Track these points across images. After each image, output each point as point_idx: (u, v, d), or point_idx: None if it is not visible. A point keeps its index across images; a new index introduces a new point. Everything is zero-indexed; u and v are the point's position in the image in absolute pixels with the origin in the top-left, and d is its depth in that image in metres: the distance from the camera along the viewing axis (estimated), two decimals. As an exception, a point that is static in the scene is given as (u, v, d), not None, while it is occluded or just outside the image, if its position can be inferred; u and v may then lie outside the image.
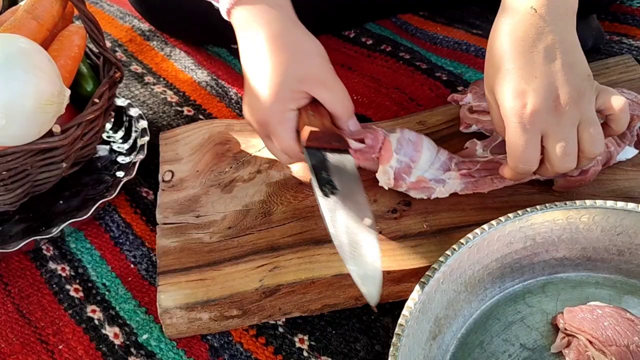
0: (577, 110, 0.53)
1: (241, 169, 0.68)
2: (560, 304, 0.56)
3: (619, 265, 0.57)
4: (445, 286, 0.53)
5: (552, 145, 0.53)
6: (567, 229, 0.56)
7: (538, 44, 0.53)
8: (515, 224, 0.55)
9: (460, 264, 0.53)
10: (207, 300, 0.57)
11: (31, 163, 0.62)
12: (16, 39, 0.59)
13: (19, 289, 0.63)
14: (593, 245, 0.57)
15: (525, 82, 0.52)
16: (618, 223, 0.55)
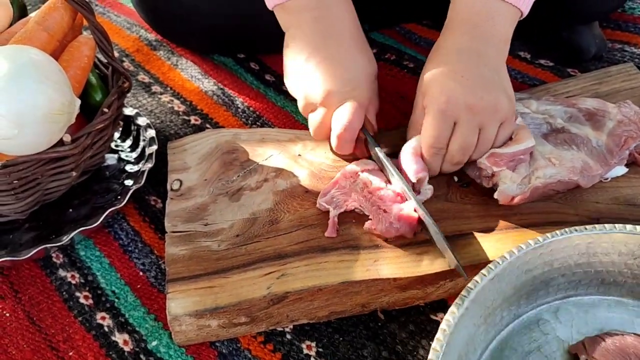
0: (489, 119, 0.61)
1: (248, 178, 0.69)
2: (575, 331, 0.55)
3: (632, 288, 0.57)
4: (467, 322, 0.51)
5: (458, 135, 0.61)
6: (585, 253, 0.55)
7: (470, 59, 0.62)
8: (535, 252, 0.54)
9: (482, 297, 0.52)
10: (215, 308, 0.57)
11: (42, 172, 0.63)
12: (28, 50, 0.60)
13: (29, 296, 0.64)
14: (608, 268, 0.56)
15: (451, 78, 0.61)
16: (636, 248, 0.55)
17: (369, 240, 0.61)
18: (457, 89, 0.60)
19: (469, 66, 0.62)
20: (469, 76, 0.61)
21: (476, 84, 0.61)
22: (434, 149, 0.62)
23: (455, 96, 0.60)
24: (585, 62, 0.85)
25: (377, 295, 0.59)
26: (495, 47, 0.64)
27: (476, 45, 0.63)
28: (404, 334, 0.59)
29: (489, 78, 0.62)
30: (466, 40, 0.63)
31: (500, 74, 0.63)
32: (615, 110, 0.67)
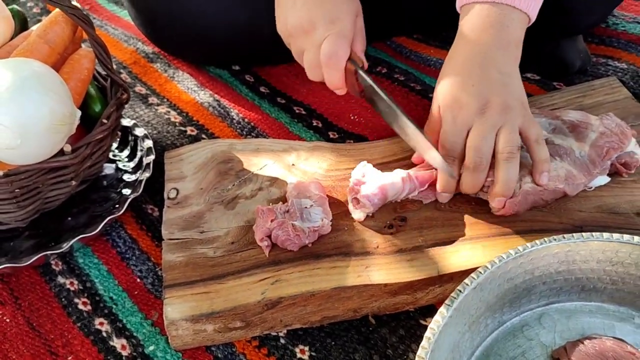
0: (501, 119, 0.62)
1: (243, 187, 0.71)
2: (557, 336, 0.57)
3: (611, 294, 0.59)
4: (451, 329, 0.53)
5: (471, 138, 0.63)
6: (565, 261, 0.57)
7: (481, 65, 0.64)
8: (516, 261, 0.56)
9: (465, 306, 0.53)
10: (211, 313, 0.59)
11: (42, 181, 0.64)
12: (31, 62, 0.62)
13: (29, 303, 0.65)
14: (588, 275, 0.58)
15: (462, 89, 0.64)
16: (613, 255, 0.57)
17: (361, 247, 0.63)
18: (467, 97, 0.63)
19: (479, 73, 0.64)
20: (478, 83, 0.63)
21: (485, 88, 0.63)
22: (449, 157, 0.64)
23: (467, 104, 0.63)
24: (570, 76, 0.88)
25: (368, 300, 0.61)
26: (505, 50, 0.65)
27: (486, 51, 0.65)
28: (394, 339, 0.61)
29: (498, 81, 0.64)
30: (477, 48, 0.65)
31: (512, 76, 0.65)
32: (598, 123, 0.69)
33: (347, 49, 0.67)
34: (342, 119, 0.85)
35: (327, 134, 0.83)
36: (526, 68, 0.91)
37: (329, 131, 0.83)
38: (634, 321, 0.58)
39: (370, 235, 0.64)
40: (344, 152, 0.75)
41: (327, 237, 0.64)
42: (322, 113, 0.86)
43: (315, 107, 0.87)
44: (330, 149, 0.75)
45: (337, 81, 0.68)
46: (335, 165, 0.73)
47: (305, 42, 0.68)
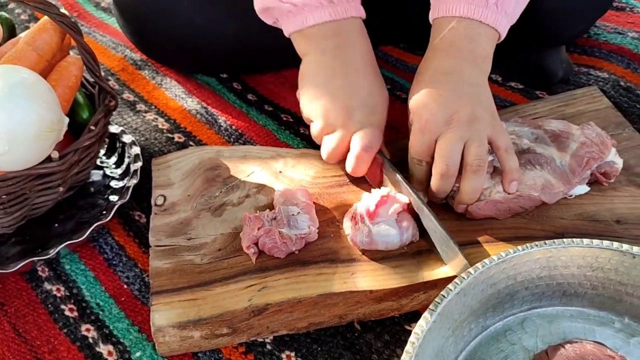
0: (469, 129, 0.63)
1: (231, 194, 0.71)
2: (539, 340, 0.58)
3: (592, 299, 0.60)
4: (435, 334, 0.53)
5: (439, 146, 0.64)
6: (547, 267, 0.58)
7: (450, 76, 0.66)
8: (499, 266, 0.57)
9: (449, 311, 0.54)
10: (198, 319, 0.59)
11: (30, 187, 0.65)
12: (19, 69, 0.63)
13: (15, 309, 0.65)
14: (569, 281, 0.59)
15: (432, 99, 0.65)
16: (593, 260, 0.58)
17: (347, 254, 0.64)
18: (435, 107, 0.64)
19: (448, 84, 0.66)
20: (447, 94, 0.65)
21: (453, 98, 0.64)
22: (414, 159, 0.66)
23: (434, 113, 0.64)
24: (553, 85, 0.89)
25: (353, 306, 0.62)
26: (474, 64, 0.67)
27: (456, 64, 0.67)
28: (379, 344, 0.62)
29: (466, 92, 0.65)
30: (447, 61, 0.67)
31: (481, 88, 0.67)
32: (579, 132, 0.71)
33: (380, 142, 0.69)
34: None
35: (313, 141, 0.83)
36: (510, 77, 0.93)
37: (315, 139, 0.84)
38: (614, 325, 0.59)
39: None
40: (330, 159, 0.76)
41: (313, 244, 0.65)
42: (309, 121, 0.87)
43: (303, 115, 0.88)
44: (317, 157, 0.75)
45: (363, 171, 0.69)
46: (322, 172, 0.73)
47: (337, 126, 0.69)
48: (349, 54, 0.70)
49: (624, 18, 1.03)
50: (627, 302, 0.59)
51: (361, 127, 0.68)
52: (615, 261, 0.58)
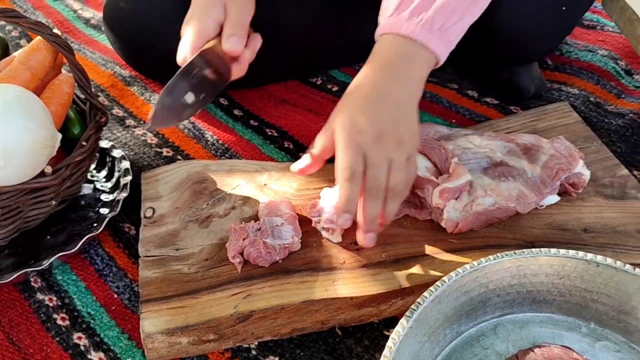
0: (394, 152, 0.64)
1: (217, 206, 0.74)
2: (511, 345, 0.61)
3: (560, 305, 0.63)
4: (412, 339, 0.56)
5: (370, 165, 0.63)
6: (517, 275, 0.62)
7: (381, 95, 0.66)
8: (472, 275, 0.60)
9: (424, 317, 0.57)
10: (186, 326, 0.62)
11: (23, 201, 0.67)
12: (13, 88, 0.65)
13: (8, 319, 0.67)
14: (538, 288, 0.63)
15: (361, 114, 0.64)
16: (560, 268, 0.61)
17: (328, 262, 0.67)
18: (365, 124, 0.63)
19: (378, 102, 0.65)
20: (376, 112, 0.65)
21: (382, 118, 0.64)
22: (349, 171, 0.63)
23: (364, 130, 0.63)
24: (526, 101, 0.93)
25: (335, 312, 0.65)
26: (407, 87, 0.67)
27: (390, 84, 0.66)
28: (359, 349, 0.65)
29: (396, 114, 0.65)
30: (382, 79, 0.67)
31: (408, 111, 0.66)
32: (549, 145, 0.75)
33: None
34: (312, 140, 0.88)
35: (298, 155, 0.87)
36: (486, 93, 0.97)
37: (299, 152, 0.87)
38: (580, 330, 0.63)
39: (337, 252, 0.68)
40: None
41: (296, 253, 0.68)
42: (293, 135, 0.90)
43: (287, 130, 0.91)
44: (300, 170, 0.78)
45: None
46: (305, 185, 0.77)
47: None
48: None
49: (595, 36, 1.08)
50: (593, 308, 0.62)
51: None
52: (580, 269, 0.61)
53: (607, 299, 0.61)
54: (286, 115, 0.94)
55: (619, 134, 0.88)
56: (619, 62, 1.01)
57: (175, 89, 0.68)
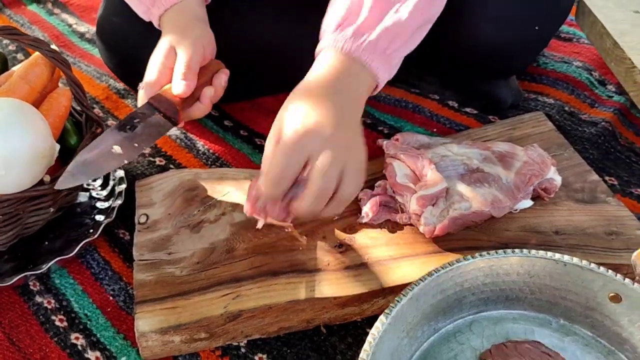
0: (343, 157, 0.64)
1: (208, 212, 0.78)
2: (485, 340, 0.65)
3: (531, 302, 0.67)
4: (391, 335, 0.60)
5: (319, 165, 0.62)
6: (490, 274, 0.65)
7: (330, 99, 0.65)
8: (447, 274, 0.63)
9: (402, 314, 0.60)
10: (178, 325, 0.65)
11: (23, 208, 0.71)
12: (13, 101, 0.69)
13: (9, 320, 0.71)
14: (510, 287, 0.66)
15: (306, 117, 0.64)
16: (530, 268, 0.65)
17: (314, 265, 0.71)
18: (314, 126, 0.63)
19: (330, 109, 0.65)
20: (323, 115, 0.64)
21: (330, 122, 0.64)
22: (277, 177, 0.64)
23: (312, 133, 0.63)
24: (504, 111, 0.98)
25: (320, 312, 0.68)
26: (351, 101, 0.68)
27: (338, 95, 0.66)
28: (343, 346, 0.68)
29: (340, 120, 0.65)
30: (329, 88, 0.67)
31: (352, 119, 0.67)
32: (523, 153, 0.79)
33: None
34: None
35: (285, 163, 0.91)
36: (465, 104, 1.01)
37: (287, 161, 0.91)
38: (551, 326, 0.67)
39: (322, 254, 0.72)
40: (299, 179, 0.83)
41: (283, 255, 0.72)
42: (281, 144, 0.94)
43: (275, 139, 0.95)
44: (287, 177, 0.82)
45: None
46: (291, 191, 0.80)
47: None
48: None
49: (570, 48, 1.12)
50: (562, 305, 0.66)
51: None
52: (549, 269, 0.65)
53: (575, 296, 0.65)
54: (274, 125, 0.97)
55: (591, 142, 0.93)
56: (593, 73, 1.06)
57: (102, 142, 0.69)
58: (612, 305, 0.63)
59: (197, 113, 0.77)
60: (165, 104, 0.72)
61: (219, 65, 0.81)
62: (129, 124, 0.70)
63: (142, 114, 0.72)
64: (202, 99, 0.76)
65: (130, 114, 0.72)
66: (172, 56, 0.75)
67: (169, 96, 0.73)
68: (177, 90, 0.72)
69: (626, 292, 0.62)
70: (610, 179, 0.88)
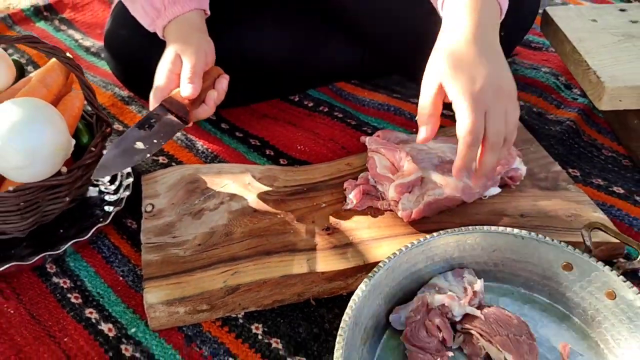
0: (509, 102, 0.70)
1: (208, 201, 0.86)
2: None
3: (495, 274, 0.75)
4: (370, 302, 0.68)
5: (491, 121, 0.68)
6: (457, 249, 0.74)
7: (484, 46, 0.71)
8: (419, 249, 0.71)
9: (380, 283, 0.68)
10: (183, 297, 0.73)
11: (42, 197, 0.79)
12: (35, 100, 0.78)
13: (29, 298, 0.78)
14: (476, 260, 0.75)
15: (476, 72, 0.68)
16: (493, 242, 0.73)
17: (304, 245, 0.79)
18: (482, 79, 0.67)
19: (486, 54, 0.69)
20: (488, 64, 0.68)
21: (496, 70, 0.69)
22: (473, 136, 0.67)
23: (486, 83, 0.67)
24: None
25: (309, 286, 0.76)
26: (496, 34, 0.72)
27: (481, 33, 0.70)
28: (330, 315, 0.76)
29: (501, 63, 0.70)
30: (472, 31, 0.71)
31: (502, 56, 0.71)
32: None
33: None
34: (290, 148, 1.01)
35: (278, 161, 0.99)
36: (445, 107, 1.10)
37: (279, 158, 1.00)
38: (513, 295, 0.75)
39: (312, 236, 0.80)
40: (290, 172, 0.91)
41: (276, 237, 0.80)
42: (274, 144, 1.03)
43: (268, 140, 1.04)
44: (280, 170, 0.91)
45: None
46: (283, 183, 0.89)
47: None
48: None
49: (540, 56, 1.22)
50: (522, 275, 0.74)
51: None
52: (510, 243, 0.73)
53: (533, 267, 0.73)
54: (267, 127, 1.06)
55: (557, 138, 1.02)
56: (559, 78, 1.16)
57: (126, 139, 0.77)
58: (565, 273, 0.71)
59: (202, 114, 0.86)
60: (177, 106, 0.81)
61: (219, 71, 0.90)
62: (146, 124, 0.79)
63: (157, 115, 0.81)
64: (207, 101, 0.85)
65: (146, 115, 0.81)
66: (178, 63, 0.84)
67: (179, 99, 0.82)
68: (186, 92, 0.81)
69: (576, 261, 0.70)
70: (573, 170, 0.97)
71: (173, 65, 0.84)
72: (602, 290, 0.69)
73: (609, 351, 0.68)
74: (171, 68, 0.84)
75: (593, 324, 0.70)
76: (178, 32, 0.89)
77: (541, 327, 0.71)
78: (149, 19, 0.91)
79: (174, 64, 0.84)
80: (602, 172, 0.97)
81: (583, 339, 0.70)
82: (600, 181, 0.95)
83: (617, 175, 0.96)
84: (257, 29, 1.05)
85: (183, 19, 0.89)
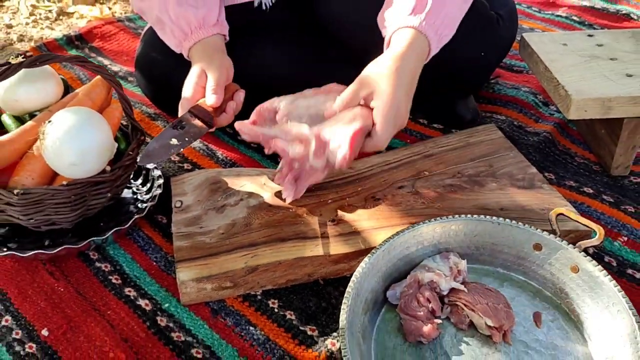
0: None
1: (229, 198, 0.99)
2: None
3: (476, 257, 0.87)
4: (370, 277, 0.80)
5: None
6: (443, 234, 0.86)
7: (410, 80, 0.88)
8: (411, 234, 0.84)
9: (378, 262, 0.81)
10: (209, 276, 0.86)
11: (89, 192, 0.92)
12: (86, 109, 0.91)
13: (76, 279, 0.91)
14: (460, 244, 0.87)
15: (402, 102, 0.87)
16: (474, 228, 0.86)
17: (313, 233, 0.92)
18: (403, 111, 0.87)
19: (408, 86, 0.87)
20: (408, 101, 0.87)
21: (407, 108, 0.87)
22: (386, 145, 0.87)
23: (402, 117, 0.87)
24: (464, 126, 1.20)
25: (318, 267, 0.89)
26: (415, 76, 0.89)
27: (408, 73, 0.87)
28: (336, 293, 0.88)
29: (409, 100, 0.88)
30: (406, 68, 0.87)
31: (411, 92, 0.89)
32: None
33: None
34: (299, 157, 1.15)
35: (288, 167, 1.12)
36: (433, 120, 1.24)
37: (290, 165, 1.13)
38: (493, 274, 0.87)
39: (319, 226, 0.93)
40: (300, 175, 1.04)
41: (289, 227, 0.93)
42: (284, 153, 1.16)
43: (280, 149, 1.17)
44: (291, 173, 1.04)
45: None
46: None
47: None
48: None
49: (520, 78, 1.37)
50: (500, 257, 0.87)
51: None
52: (488, 229, 0.86)
53: (509, 249, 0.86)
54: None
55: (535, 147, 1.15)
56: (538, 96, 1.30)
57: (163, 136, 0.92)
58: (536, 253, 0.84)
59: (224, 121, 0.99)
60: (203, 112, 0.95)
61: (236, 86, 1.04)
62: (178, 125, 0.93)
63: (186, 118, 0.94)
64: (227, 110, 0.99)
65: (177, 118, 0.95)
66: (203, 77, 0.98)
67: (205, 107, 0.95)
68: (211, 101, 0.95)
69: (544, 242, 0.83)
70: (549, 174, 1.10)
71: (199, 79, 0.98)
72: (567, 265, 0.81)
73: (575, 317, 0.81)
74: (197, 81, 0.98)
75: (562, 295, 0.82)
76: (203, 52, 1.03)
77: (518, 300, 0.83)
78: (176, 41, 1.05)
79: (200, 78, 0.98)
80: (574, 175, 1.10)
81: (554, 308, 0.82)
82: (573, 183, 1.08)
83: (588, 179, 1.09)
84: (267, 50, 1.18)
85: (207, 42, 1.04)
